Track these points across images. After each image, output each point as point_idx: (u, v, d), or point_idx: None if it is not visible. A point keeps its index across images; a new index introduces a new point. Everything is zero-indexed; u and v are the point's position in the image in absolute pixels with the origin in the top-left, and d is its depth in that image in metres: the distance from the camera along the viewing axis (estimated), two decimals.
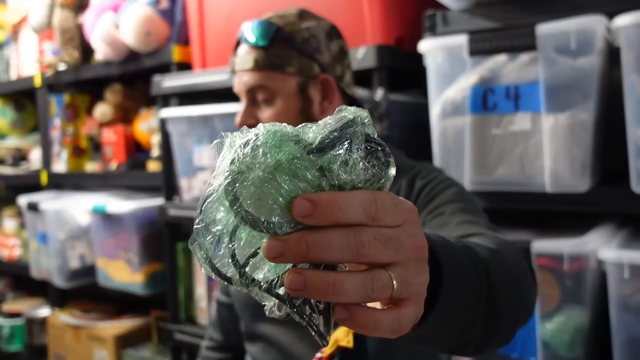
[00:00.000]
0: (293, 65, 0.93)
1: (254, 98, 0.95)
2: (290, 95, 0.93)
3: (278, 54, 0.93)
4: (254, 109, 0.95)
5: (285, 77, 0.93)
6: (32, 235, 2.20)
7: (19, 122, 2.60)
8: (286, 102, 0.93)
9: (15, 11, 2.49)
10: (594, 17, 1.04)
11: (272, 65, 0.92)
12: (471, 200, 0.90)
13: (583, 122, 1.07)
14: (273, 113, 0.93)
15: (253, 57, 0.93)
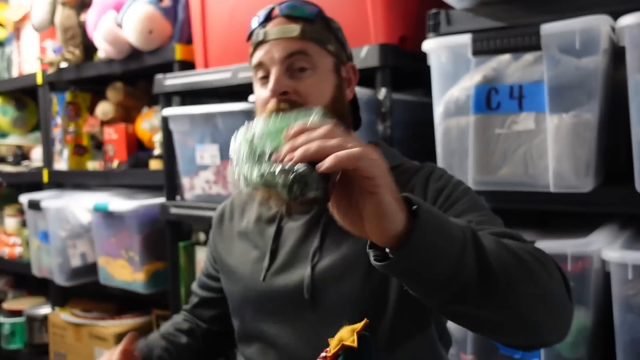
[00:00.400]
0: (332, 45, 0.96)
1: (290, 66, 0.92)
2: (328, 70, 0.95)
3: (320, 31, 0.95)
4: (287, 79, 0.92)
5: (325, 53, 0.95)
6: (33, 234, 2.20)
7: (20, 120, 2.60)
8: (324, 77, 0.95)
9: (17, 9, 2.49)
10: (599, 16, 1.03)
11: (317, 39, 0.94)
12: (487, 208, 0.93)
13: (587, 122, 1.06)
14: (313, 82, 0.93)
15: (299, 26, 0.93)
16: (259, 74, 0.96)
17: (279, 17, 0.95)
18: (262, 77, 0.95)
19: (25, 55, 2.47)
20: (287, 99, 0.91)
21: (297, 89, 0.92)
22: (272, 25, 0.94)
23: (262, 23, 0.96)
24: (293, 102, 0.91)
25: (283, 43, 0.93)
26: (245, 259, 1.01)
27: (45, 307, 2.35)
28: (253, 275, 0.99)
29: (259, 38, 0.95)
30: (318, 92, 0.93)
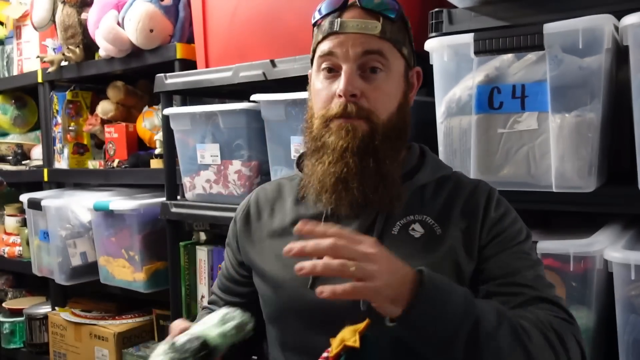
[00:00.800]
0: (406, 48, 0.92)
1: (363, 65, 0.87)
2: (399, 75, 0.91)
3: (399, 32, 0.90)
4: (359, 80, 0.87)
5: (399, 55, 0.91)
6: (34, 233, 2.19)
7: (20, 118, 2.60)
8: (395, 81, 0.90)
9: (17, 7, 2.49)
10: (602, 16, 1.03)
11: (395, 40, 0.89)
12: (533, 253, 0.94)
13: (590, 122, 1.06)
14: (383, 88, 0.88)
15: (380, 23, 0.87)
16: (325, 64, 0.89)
17: (358, 7, 0.88)
18: (328, 68, 0.89)
19: (26, 53, 2.46)
20: (356, 102, 0.86)
21: (367, 92, 0.87)
22: (350, 15, 0.88)
23: (336, 10, 0.89)
24: (360, 107, 0.86)
25: (361, 39, 0.86)
26: (285, 262, 0.92)
27: (45, 307, 2.34)
28: (297, 281, 0.89)
29: (333, 28, 0.87)
30: (387, 98, 0.89)
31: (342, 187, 0.87)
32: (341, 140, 0.86)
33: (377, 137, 0.87)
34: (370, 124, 0.87)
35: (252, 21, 1.57)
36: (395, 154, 0.91)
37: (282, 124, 1.45)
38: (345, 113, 0.86)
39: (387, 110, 0.89)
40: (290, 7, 1.49)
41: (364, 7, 0.88)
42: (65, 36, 2.07)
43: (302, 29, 1.47)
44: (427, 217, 0.91)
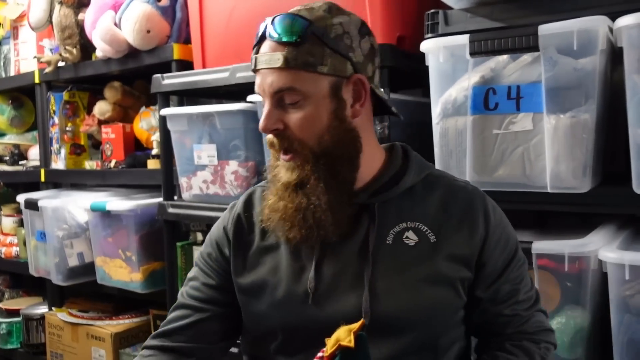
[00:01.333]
0: (326, 64, 0.83)
1: (281, 100, 0.85)
2: (322, 97, 0.85)
3: (310, 52, 0.83)
4: (280, 112, 0.85)
5: (317, 77, 0.84)
6: (31, 233, 2.19)
7: (17, 119, 2.59)
8: (318, 105, 0.85)
9: (14, 7, 2.49)
10: (597, 17, 1.03)
11: (304, 64, 0.83)
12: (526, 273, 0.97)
13: (585, 123, 1.06)
14: (303, 116, 0.84)
15: (282, 54, 0.82)
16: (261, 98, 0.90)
17: (269, 41, 0.85)
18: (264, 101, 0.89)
19: (23, 54, 2.46)
20: (282, 135, 0.86)
21: (290, 123, 0.85)
22: (262, 50, 0.86)
23: (255, 45, 0.88)
24: (284, 138, 0.86)
25: (270, 76, 0.84)
26: (279, 279, 0.91)
27: (42, 307, 2.34)
28: (294, 298, 0.89)
29: (252, 66, 0.88)
30: (309, 125, 0.85)
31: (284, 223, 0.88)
32: (283, 176, 0.88)
33: (319, 161, 0.86)
34: (300, 156, 0.86)
35: (249, 22, 1.57)
36: (340, 174, 0.88)
37: None
38: (274, 146, 0.87)
39: (315, 135, 0.85)
40: (287, 8, 1.49)
41: (271, 38, 0.85)
42: (63, 37, 2.07)
43: None
44: (421, 224, 0.90)
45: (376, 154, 0.93)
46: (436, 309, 0.87)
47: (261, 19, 1.53)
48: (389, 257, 0.88)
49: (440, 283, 0.87)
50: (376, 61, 0.92)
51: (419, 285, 0.86)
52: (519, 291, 0.92)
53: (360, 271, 0.87)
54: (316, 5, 0.87)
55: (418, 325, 0.86)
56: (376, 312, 0.85)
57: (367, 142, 0.90)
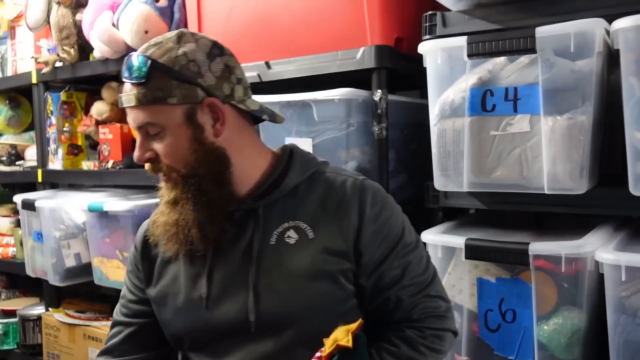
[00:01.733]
0: (175, 96, 0.90)
1: (147, 132, 0.93)
2: (178, 125, 0.91)
3: (158, 87, 0.90)
4: (149, 142, 0.94)
5: (169, 108, 0.91)
6: (27, 234, 2.18)
7: (14, 119, 2.59)
8: (176, 133, 0.92)
9: (12, 7, 2.48)
10: (594, 19, 1.04)
11: (154, 100, 0.90)
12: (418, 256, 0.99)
13: (581, 125, 1.07)
14: (166, 145, 0.92)
15: (134, 94, 0.91)
16: None
17: (124, 79, 0.94)
18: None
19: (20, 54, 2.45)
20: (152, 161, 0.95)
21: (160, 152, 0.93)
22: (123, 90, 0.94)
23: (121, 84, 0.95)
24: (157, 163, 0.94)
25: (131, 113, 0.93)
26: (179, 287, 1.00)
27: (38, 308, 2.33)
28: (192, 304, 0.98)
29: (119, 103, 0.96)
30: (173, 152, 0.92)
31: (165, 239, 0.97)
32: (165, 194, 0.96)
33: (185, 188, 0.93)
34: (171, 180, 0.95)
35: (247, 23, 1.57)
36: (208, 192, 0.94)
37: (277, 126, 1.45)
38: (152, 174, 0.97)
39: (183, 161, 0.93)
40: (286, 9, 1.50)
41: (125, 79, 0.93)
42: (60, 37, 2.07)
43: (297, 30, 1.48)
44: (300, 222, 0.96)
45: (258, 160, 1.00)
46: (317, 302, 0.92)
47: (259, 19, 1.54)
48: (271, 257, 0.95)
49: (319, 277, 0.92)
50: (233, 78, 0.96)
51: (298, 281, 0.92)
52: (403, 277, 0.95)
53: (245, 273, 0.94)
54: (166, 37, 0.94)
55: (301, 319, 0.92)
56: (260, 310, 0.92)
57: (242, 153, 0.97)
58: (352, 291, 0.95)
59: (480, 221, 1.38)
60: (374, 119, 1.33)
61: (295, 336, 0.93)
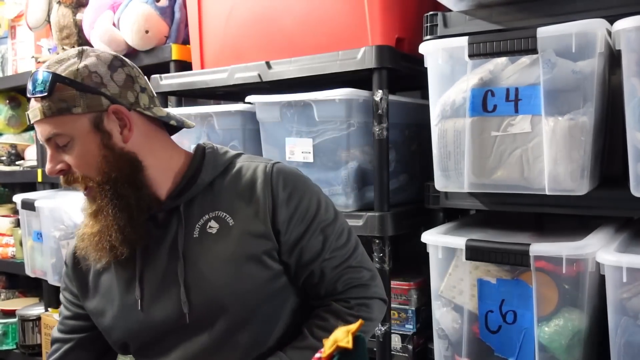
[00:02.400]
0: (79, 105, 0.92)
1: (56, 144, 0.94)
2: (86, 134, 0.93)
3: (61, 99, 0.91)
4: (60, 154, 0.95)
5: (75, 118, 0.92)
6: (27, 234, 2.18)
7: (14, 119, 2.59)
8: (84, 141, 0.93)
9: (12, 6, 2.48)
10: (595, 20, 1.03)
11: (58, 111, 0.91)
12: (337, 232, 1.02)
13: (583, 126, 1.06)
14: (76, 154, 0.93)
15: (39, 107, 0.92)
16: None
17: (30, 96, 0.95)
18: None
19: (21, 53, 2.46)
20: (65, 173, 0.95)
21: (72, 163, 0.94)
22: (30, 106, 0.95)
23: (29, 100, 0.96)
24: (70, 179, 0.95)
25: (39, 127, 0.94)
26: (114, 295, 1.02)
27: (38, 308, 2.33)
28: (128, 308, 1.00)
29: (27, 118, 0.97)
30: (84, 161, 0.94)
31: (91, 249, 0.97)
32: (86, 206, 0.98)
33: (102, 195, 0.95)
34: (91, 191, 0.96)
35: (247, 23, 1.57)
36: (125, 196, 0.95)
37: (277, 126, 1.45)
38: (68, 186, 0.97)
39: (95, 169, 0.94)
40: (286, 9, 1.50)
41: (31, 95, 0.94)
42: (61, 36, 2.07)
43: (297, 30, 1.48)
44: (220, 212, 0.99)
45: (171, 161, 1.02)
46: (246, 285, 0.96)
47: (260, 19, 1.54)
48: (197, 250, 0.98)
49: (244, 261, 0.96)
50: (137, 86, 0.98)
51: (225, 267, 0.96)
52: (323, 251, 0.99)
53: (174, 269, 0.97)
54: (68, 54, 0.96)
55: (233, 303, 0.95)
56: (192, 301, 0.95)
57: (155, 156, 0.99)
58: (280, 270, 0.99)
59: (481, 222, 1.37)
60: (375, 119, 1.33)
61: (231, 322, 0.96)
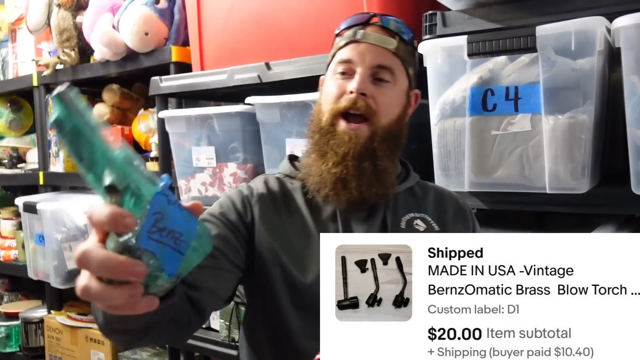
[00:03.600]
0: (412, 70, 1.02)
1: (374, 74, 0.97)
2: (402, 90, 1.01)
3: (409, 53, 1.01)
4: (370, 82, 0.97)
5: (404, 74, 1.00)
6: (29, 236, 2.19)
7: (15, 122, 2.59)
8: (398, 93, 1.00)
9: (12, 10, 2.48)
10: (594, 18, 1.03)
11: (404, 59, 0.99)
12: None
13: (583, 124, 1.06)
14: (389, 94, 0.98)
15: (396, 41, 0.98)
16: (340, 68, 0.99)
17: (378, 25, 1.00)
18: (342, 72, 0.99)
19: (21, 57, 2.46)
20: (365, 99, 0.96)
21: (374, 95, 0.96)
22: (371, 30, 0.99)
23: (360, 24, 1.00)
24: (368, 105, 0.96)
25: (377, 50, 0.97)
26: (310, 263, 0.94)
27: (41, 310, 2.34)
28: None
29: (356, 36, 0.99)
30: (390, 106, 0.98)
31: (340, 185, 0.96)
32: (343, 145, 0.96)
33: (376, 139, 0.97)
34: (371, 126, 0.96)
35: (246, 24, 1.57)
36: (392, 155, 1.00)
37: (277, 127, 1.45)
38: (354, 107, 0.96)
39: (388, 116, 0.98)
40: (285, 9, 1.50)
41: (384, 26, 1.00)
42: (61, 39, 2.07)
43: (297, 31, 1.48)
44: (425, 215, 1.04)
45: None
46: None
47: (259, 20, 1.54)
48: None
49: None
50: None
51: None
52: None
53: None
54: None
55: None
56: None
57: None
58: None
59: (481, 221, 1.37)
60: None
61: None
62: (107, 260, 0.51)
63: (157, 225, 0.51)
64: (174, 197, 0.54)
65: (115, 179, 0.52)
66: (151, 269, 0.52)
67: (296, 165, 1.07)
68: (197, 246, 0.54)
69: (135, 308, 0.54)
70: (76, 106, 0.52)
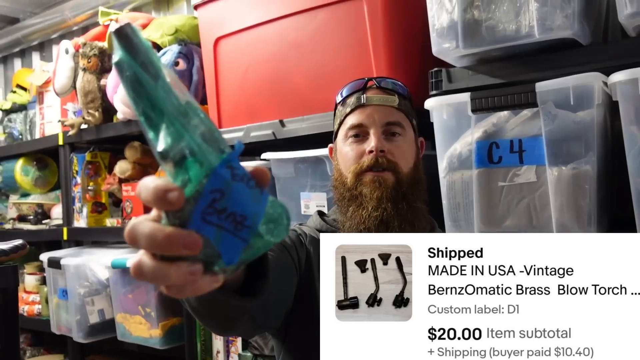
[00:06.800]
0: (413, 120, 1.13)
1: (386, 131, 1.07)
2: (412, 139, 1.11)
3: (409, 107, 1.12)
4: (384, 140, 1.06)
5: (410, 125, 1.12)
6: (53, 291, 2.23)
7: (41, 179, 2.68)
8: (411, 143, 1.10)
9: (40, 74, 2.62)
10: (590, 74, 1.08)
11: (406, 112, 1.11)
12: None
13: (586, 174, 1.09)
14: (403, 146, 1.08)
15: (396, 98, 1.09)
16: (352, 132, 1.08)
17: (376, 88, 1.10)
18: (355, 135, 1.08)
19: (48, 117, 2.58)
20: (384, 155, 1.05)
21: (391, 150, 1.06)
22: (372, 93, 1.09)
23: (359, 90, 1.10)
24: (388, 160, 1.05)
25: (383, 109, 1.08)
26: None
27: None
28: None
29: (360, 101, 1.09)
30: (406, 156, 1.08)
31: (383, 227, 1.02)
32: (376, 190, 1.03)
33: (403, 185, 1.05)
34: (396, 174, 1.05)
35: (261, 83, 1.65)
36: (422, 195, 1.09)
37: (292, 181, 1.50)
38: (376, 165, 1.04)
39: (408, 165, 1.08)
40: (298, 69, 1.57)
41: (382, 87, 1.10)
42: (86, 101, 2.17)
43: (309, 89, 1.55)
44: None
45: None
46: None
47: (273, 79, 1.61)
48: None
49: None
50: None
51: None
52: None
53: None
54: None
55: None
56: None
57: None
58: None
59: None
60: None
61: None
62: (154, 232, 0.44)
63: (215, 205, 0.42)
64: (242, 170, 0.44)
65: (170, 143, 0.42)
66: (204, 255, 0.43)
67: (326, 220, 1.13)
68: (264, 233, 0.45)
69: (197, 288, 0.45)
70: (137, 47, 0.43)
